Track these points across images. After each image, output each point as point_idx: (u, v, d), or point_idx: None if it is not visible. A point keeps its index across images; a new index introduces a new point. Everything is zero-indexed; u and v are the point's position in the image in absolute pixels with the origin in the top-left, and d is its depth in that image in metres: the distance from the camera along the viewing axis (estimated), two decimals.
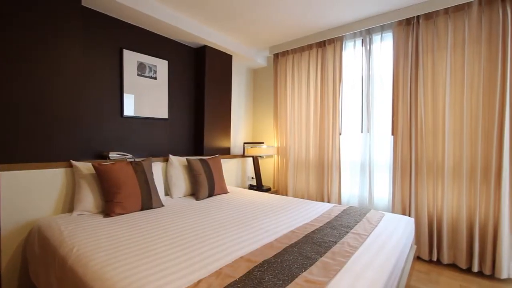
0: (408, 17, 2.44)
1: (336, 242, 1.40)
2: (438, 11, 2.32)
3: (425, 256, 2.36)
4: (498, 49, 2.06)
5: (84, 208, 1.84)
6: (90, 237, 1.40)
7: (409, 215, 2.44)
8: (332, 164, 2.94)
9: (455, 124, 2.27)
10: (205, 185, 2.46)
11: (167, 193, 2.56)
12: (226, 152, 3.36)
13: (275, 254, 1.23)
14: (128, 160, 2.21)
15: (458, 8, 2.24)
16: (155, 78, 2.69)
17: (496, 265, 2.06)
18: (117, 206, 1.82)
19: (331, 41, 2.97)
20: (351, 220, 1.79)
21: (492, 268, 2.09)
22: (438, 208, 2.33)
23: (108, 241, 1.36)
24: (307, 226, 1.66)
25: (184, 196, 2.53)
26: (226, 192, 2.70)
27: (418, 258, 2.44)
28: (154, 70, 2.68)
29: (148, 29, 2.63)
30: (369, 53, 2.72)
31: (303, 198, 3.20)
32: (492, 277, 2.12)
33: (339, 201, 2.90)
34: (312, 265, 1.13)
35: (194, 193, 2.51)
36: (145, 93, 2.62)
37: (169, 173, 2.52)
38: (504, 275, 2.03)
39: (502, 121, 2.04)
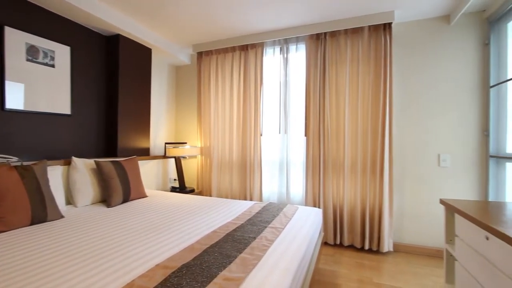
0: (318, 32, 2.77)
1: (255, 238, 1.47)
2: (339, 30, 2.72)
3: (331, 241, 2.74)
4: (381, 66, 2.56)
5: None
6: None
7: (319, 207, 2.77)
8: (254, 163, 3.08)
9: (352, 128, 2.70)
10: (118, 190, 2.22)
11: (70, 201, 2.19)
12: (145, 153, 3.11)
13: (195, 257, 1.21)
14: (12, 164, 1.80)
15: (354, 31, 2.68)
16: (53, 66, 2.27)
17: (380, 242, 2.56)
18: None
19: (253, 46, 3.12)
20: (270, 216, 1.92)
21: (378, 244, 2.59)
22: (340, 199, 2.73)
23: None
24: (229, 225, 1.70)
25: (92, 203, 2.22)
26: (144, 196, 2.50)
27: (325, 243, 2.81)
28: (51, 56, 2.25)
29: (40, 5, 2.18)
30: (286, 60, 2.97)
31: (227, 198, 3.25)
32: (378, 252, 2.62)
33: (260, 199, 3.06)
34: (231, 262, 1.16)
35: (106, 200, 2.23)
36: (40, 83, 2.18)
37: (72, 178, 2.17)
38: (386, 249, 2.54)
39: (383, 126, 2.54)
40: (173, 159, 3.64)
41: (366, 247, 2.61)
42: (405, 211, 2.66)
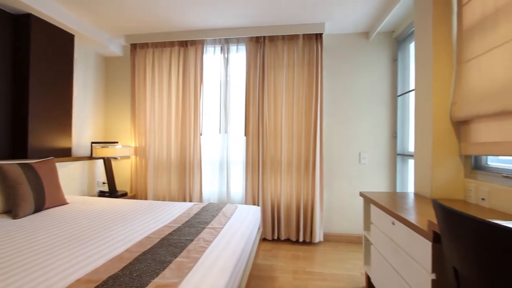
0: (257, 35, 2.86)
1: (192, 240, 1.44)
2: (277, 36, 2.86)
3: (269, 236, 2.86)
4: (313, 73, 2.79)
5: None
6: None
7: (258, 204, 2.87)
8: (193, 163, 3.00)
9: (288, 128, 2.87)
10: (28, 197, 1.89)
11: None
12: (65, 153, 2.72)
13: (124, 266, 1.12)
14: None
15: (291, 37, 2.85)
16: None
17: (312, 233, 2.79)
18: None
19: (193, 42, 3.03)
20: (209, 216, 1.90)
21: (310, 236, 2.82)
22: (278, 196, 2.88)
23: None
24: (164, 229, 1.62)
25: None
26: (64, 203, 2.18)
27: (264, 239, 2.92)
28: None
29: None
30: (227, 60, 2.98)
31: (164, 200, 3.09)
32: (311, 243, 2.86)
33: (200, 199, 3.01)
34: (165, 268, 1.11)
35: (11, 210, 1.88)
36: None
37: None
38: (317, 240, 2.78)
39: (315, 127, 2.78)
40: (101, 161, 3.27)
41: (301, 239, 2.81)
42: (333, 204, 2.96)
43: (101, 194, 2.99)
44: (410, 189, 2.64)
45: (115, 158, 3.30)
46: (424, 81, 1.86)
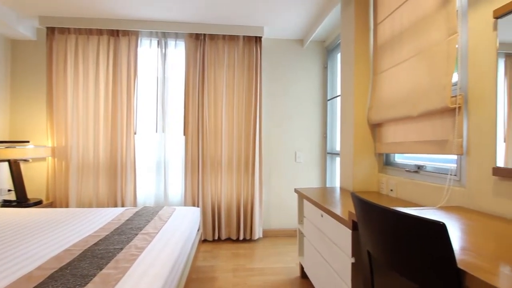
0: (197, 32, 2.79)
1: (122, 248, 1.32)
2: (218, 35, 2.85)
3: (210, 237, 2.83)
4: (253, 74, 2.86)
5: None
6: None
7: (198, 205, 2.80)
8: (126, 165, 2.76)
9: (228, 128, 2.88)
10: None
11: None
12: None
13: (34, 287, 0.96)
14: None
15: (231, 38, 2.87)
16: None
17: (252, 231, 2.87)
18: None
19: (126, 33, 2.78)
20: (143, 221, 1.78)
21: (250, 233, 2.89)
22: (218, 196, 2.86)
23: None
24: (89, 239, 1.45)
25: None
26: None
27: (204, 240, 2.87)
28: None
29: None
30: (164, 56, 2.83)
31: (90, 207, 2.76)
32: (251, 240, 2.93)
33: (134, 204, 2.78)
34: (88, 283, 1.00)
35: None
36: None
37: None
38: (257, 237, 2.87)
39: (255, 127, 2.86)
40: (5, 164, 2.73)
41: (241, 237, 2.86)
42: (272, 201, 3.10)
43: (6, 203, 2.50)
44: (338, 184, 2.95)
45: (25, 161, 2.80)
46: (347, 88, 2.09)
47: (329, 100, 3.10)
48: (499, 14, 1.07)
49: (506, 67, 1.06)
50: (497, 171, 1.08)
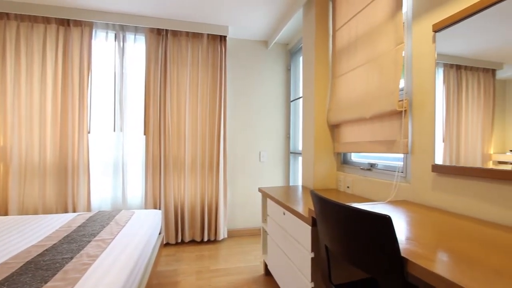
0: (159, 28, 2.67)
1: (72, 258, 1.22)
2: (181, 32, 2.76)
3: (173, 240, 2.73)
4: (217, 74, 2.83)
5: None
6: None
7: (159, 208, 2.69)
8: (79, 166, 2.54)
9: (192, 128, 2.82)
10: None
11: None
12: None
13: None
14: None
15: (195, 35, 2.81)
16: None
17: (217, 231, 2.84)
18: None
19: (78, 23, 2.56)
20: (97, 227, 1.66)
21: (215, 234, 2.86)
22: (182, 197, 2.78)
23: None
24: (32, 250, 1.30)
25: None
26: None
27: (167, 244, 2.77)
28: None
29: None
30: (122, 50, 2.66)
31: (36, 214, 2.49)
32: (216, 241, 2.90)
33: (88, 208, 2.57)
34: None
35: None
36: None
37: None
38: (221, 237, 2.84)
39: (219, 127, 2.83)
40: None
41: (205, 238, 2.81)
42: (236, 200, 3.10)
43: None
44: (300, 182, 3.05)
45: None
46: (308, 90, 2.18)
47: (292, 101, 3.20)
48: (437, 28, 1.20)
49: (445, 76, 1.19)
50: (435, 168, 1.22)
